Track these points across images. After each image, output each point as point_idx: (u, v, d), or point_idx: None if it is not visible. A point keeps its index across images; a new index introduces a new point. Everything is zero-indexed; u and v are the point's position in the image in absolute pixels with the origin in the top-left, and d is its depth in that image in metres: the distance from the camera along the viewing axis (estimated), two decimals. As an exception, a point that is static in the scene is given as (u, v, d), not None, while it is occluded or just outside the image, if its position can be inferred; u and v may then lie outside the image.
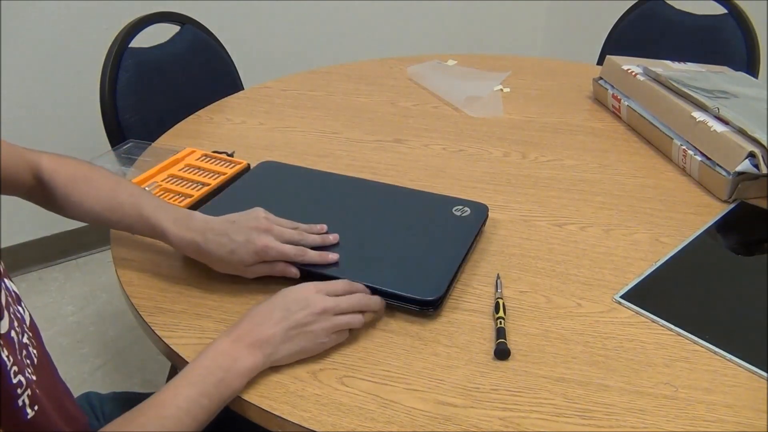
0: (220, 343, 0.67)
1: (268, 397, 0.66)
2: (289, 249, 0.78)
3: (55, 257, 2.19)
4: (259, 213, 0.81)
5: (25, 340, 0.63)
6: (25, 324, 0.65)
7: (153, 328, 0.76)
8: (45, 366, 0.67)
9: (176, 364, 0.73)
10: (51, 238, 2.14)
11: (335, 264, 0.81)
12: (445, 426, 0.63)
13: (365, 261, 0.82)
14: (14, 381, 0.57)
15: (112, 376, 1.77)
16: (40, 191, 0.85)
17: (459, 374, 0.69)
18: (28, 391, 0.59)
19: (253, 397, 0.66)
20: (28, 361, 0.63)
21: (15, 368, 0.57)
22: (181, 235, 0.79)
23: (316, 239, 0.82)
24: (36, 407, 0.59)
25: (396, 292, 0.76)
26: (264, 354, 0.67)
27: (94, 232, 2.19)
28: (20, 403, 0.57)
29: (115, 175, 0.88)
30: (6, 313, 0.60)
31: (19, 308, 0.65)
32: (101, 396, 0.92)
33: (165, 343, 0.73)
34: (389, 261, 0.82)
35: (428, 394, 0.66)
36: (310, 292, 0.72)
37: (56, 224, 2.13)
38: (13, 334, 0.60)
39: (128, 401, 0.92)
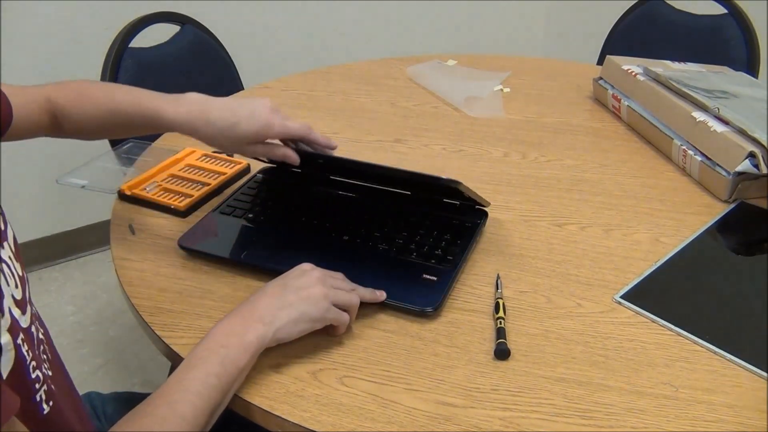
0: (217, 326, 0.67)
1: (268, 397, 0.66)
2: (294, 124, 0.77)
3: (55, 257, 2.19)
4: (265, 99, 0.80)
5: (41, 335, 0.64)
6: (40, 320, 0.66)
7: (153, 328, 0.76)
8: (57, 362, 0.67)
9: (176, 364, 0.73)
10: (51, 238, 2.14)
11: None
12: (445, 426, 0.63)
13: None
14: (33, 376, 0.57)
15: (112, 376, 1.77)
16: (57, 123, 0.86)
17: (459, 374, 0.69)
18: (45, 387, 0.59)
19: (253, 397, 0.66)
20: (45, 356, 0.63)
21: (33, 363, 0.57)
22: (178, 110, 0.77)
23: (319, 137, 0.82)
24: (51, 403, 0.59)
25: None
26: (264, 324, 0.66)
27: (94, 232, 2.19)
28: (38, 398, 0.57)
29: (112, 84, 0.88)
30: (28, 307, 0.60)
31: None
32: (102, 396, 0.92)
33: (165, 343, 0.73)
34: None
35: (428, 394, 0.66)
36: (306, 267, 0.73)
37: (56, 224, 2.13)
38: (33, 329, 0.60)
39: (130, 401, 0.92)
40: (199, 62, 1.57)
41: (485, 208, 0.94)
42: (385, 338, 0.74)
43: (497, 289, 0.81)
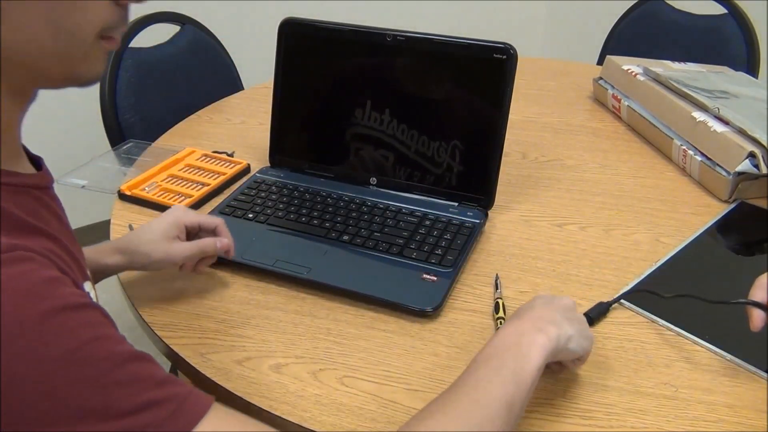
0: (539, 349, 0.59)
1: (269, 397, 0.66)
2: (205, 217, 0.80)
3: (55, 257, 2.18)
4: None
5: None
6: None
7: (153, 328, 0.76)
8: None
9: (176, 365, 0.73)
10: (51, 238, 2.14)
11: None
12: (445, 426, 0.63)
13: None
14: None
15: (112, 376, 1.77)
16: None
17: (459, 374, 0.69)
18: None
19: (253, 397, 0.66)
20: None
21: None
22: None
23: (226, 233, 0.81)
24: None
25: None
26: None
27: (94, 232, 2.19)
28: None
29: None
30: None
31: None
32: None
33: (165, 343, 0.73)
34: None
35: (429, 395, 0.66)
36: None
37: (56, 224, 2.12)
38: None
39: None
40: (199, 62, 1.57)
41: (485, 209, 0.94)
42: (385, 338, 0.74)
43: (497, 289, 0.81)
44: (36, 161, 0.55)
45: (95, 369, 0.41)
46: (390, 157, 0.98)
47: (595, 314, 0.76)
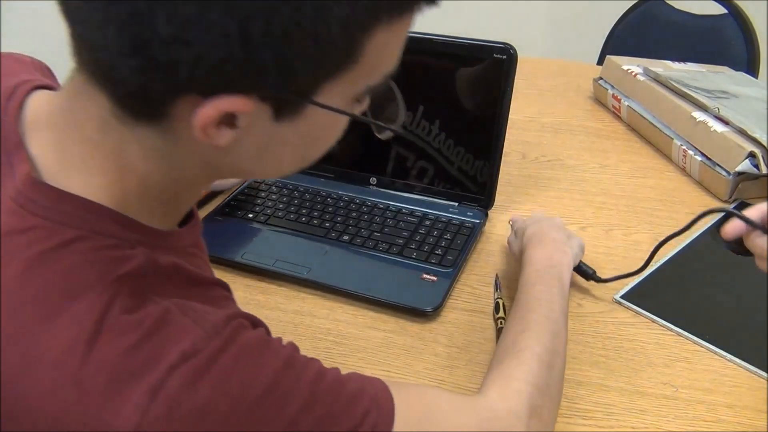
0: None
1: (269, 398, 0.66)
2: None
3: (55, 257, 2.18)
4: None
5: None
6: None
7: (153, 328, 0.75)
8: None
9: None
10: (51, 238, 2.14)
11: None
12: (445, 426, 0.63)
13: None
14: None
15: (112, 376, 1.77)
16: None
17: (459, 374, 0.69)
18: None
19: (253, 397, 0.66)
20: None
21: None
22: None
23: None
24: None
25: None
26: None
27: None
28: None
29: None
30: None
31: None
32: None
33: (165, 343, 0.73)
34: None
35: (428, 395, 0.66)
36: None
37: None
38: None
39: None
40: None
41: (485, 209, 0.94)
42: (385, 338, 0.74)
43: (496, 289, 0.81)
44: None
45: (325, 406, 0.43)
46: (390, 156, 0.98)
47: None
